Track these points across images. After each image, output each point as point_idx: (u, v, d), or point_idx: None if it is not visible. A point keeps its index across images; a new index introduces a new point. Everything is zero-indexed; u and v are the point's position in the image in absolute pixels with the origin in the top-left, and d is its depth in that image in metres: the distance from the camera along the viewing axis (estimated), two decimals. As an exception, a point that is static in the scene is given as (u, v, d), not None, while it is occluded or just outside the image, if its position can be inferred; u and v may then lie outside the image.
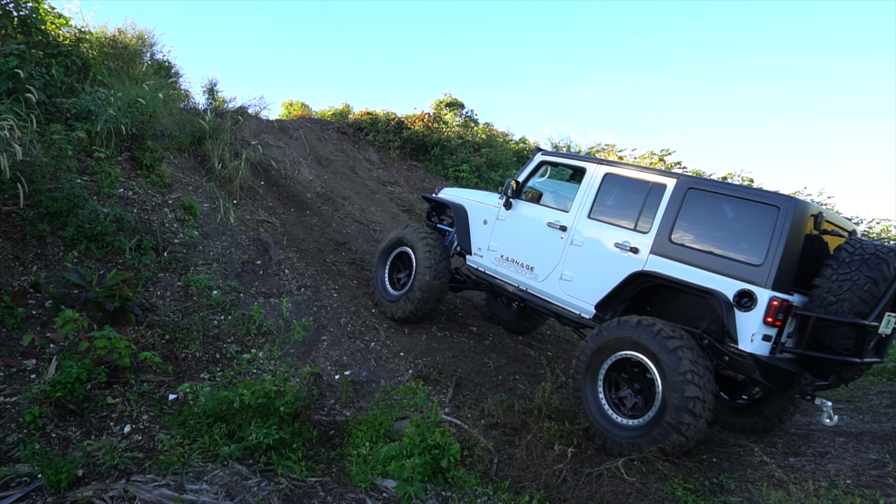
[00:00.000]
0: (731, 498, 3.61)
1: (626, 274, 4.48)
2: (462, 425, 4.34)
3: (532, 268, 5.28)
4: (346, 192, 9.84)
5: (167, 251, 5.76)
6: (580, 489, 3.58)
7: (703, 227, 4.32)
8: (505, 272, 5.55)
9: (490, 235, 5.76)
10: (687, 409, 3.79)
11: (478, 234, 5.92)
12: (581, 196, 5.05)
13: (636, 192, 4.74)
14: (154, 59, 9.47)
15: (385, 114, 13.30)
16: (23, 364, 3.95)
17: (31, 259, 4.87)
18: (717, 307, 4.05)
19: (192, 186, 7.13)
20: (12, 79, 5.64)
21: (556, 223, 5.14)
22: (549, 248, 5.14)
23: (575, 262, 4.94)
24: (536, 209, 5.43)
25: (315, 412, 4.29)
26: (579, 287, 4.88)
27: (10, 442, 3.28)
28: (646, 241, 4.50)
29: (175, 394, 4.11)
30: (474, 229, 5.97)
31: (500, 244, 5.64)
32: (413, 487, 3.34)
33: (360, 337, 5.79)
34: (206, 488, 3.14)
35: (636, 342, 4.12)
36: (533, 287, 5.27)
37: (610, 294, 4.58)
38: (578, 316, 4.92)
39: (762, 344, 3.92)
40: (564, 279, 4.99)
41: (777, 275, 3.87)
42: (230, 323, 5.21)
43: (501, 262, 5.59)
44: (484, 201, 5.99)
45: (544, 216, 5.27)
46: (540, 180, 5.71)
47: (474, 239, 5.95)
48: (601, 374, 4.37)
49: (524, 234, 5.45)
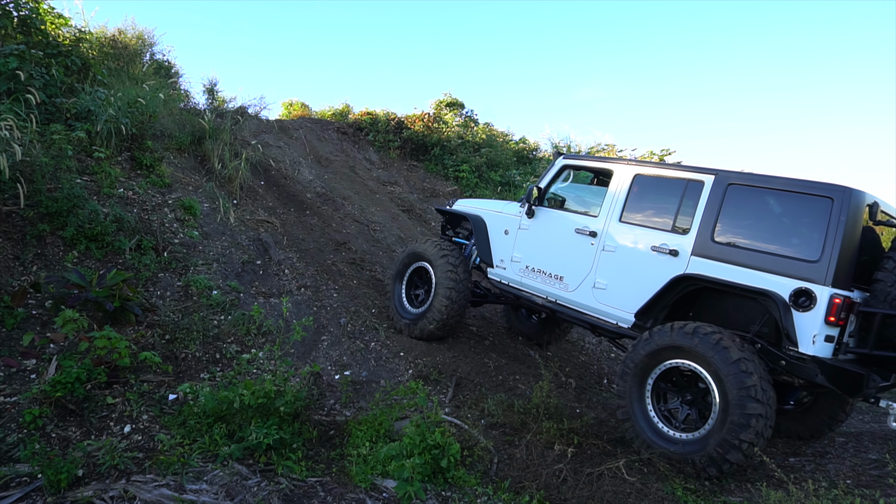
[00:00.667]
0: (731, 498, 3.61)
1: (667, 278, 4.22)
2: (462, 425, 4.34)
3: (561, 277, 5.02)
4: (346, 192, 9.84)
5: (167, 251, 5.76)
6: (580, 489, 3.58)
7: (749, 224, 4.08)
8: (531, 284, 5.30)
9: (513, 246, 5.51)
10: (748, 426, 3.52)
11: (499, 245, 5.67)
12: (610, 199, 4.82)
13: (671, 192, 4.51)
14: (154, 59, 9.47)
15: (385, 114, 13.30)
16: (23, 364, 3.95)
17: (31, 259, 4.87)
18: (773, 308, 3.82)
19: (192, 186, 7.13)
20: (12, 79, 5.64)
21: (584, 229, 4.89)
22: (578, 256, 4.88)
23: (608, 269, 4.68)
24: (562, 215, 5.20)
25: (315, 412, 4.29)
26: (615, 295, 4.62)
27: (10, 442, 3.28)
28: (686, 242, 4.27)
29: (175, 394, 4.11)
30: (495, 240, 5.72)
31: (524, 254, 5.40)
32: (413, 487, 3.34)
33: (360, 337, 5.79)
34: (206, 488, 3.14)
35: (691, 351, 3.83)
36: (563, 298, 5.01)
37: (651, 301, 4.32)
38: (616, 325, 4.66)
39: (824, 345, 3.67)
40: (598, 287, 4.74)
41: (836, 271, 3.62)
42: (230, 323, 5.21)
43: (527, 274, 5.34)
44: (504, 211, 5.76)
45: (571, 222, 5.03)
46: (563, 185, 5.48)
47: (496, 251, 5.69)
48: (649, 384, 4.11)
49: (550, 243, 5.20)
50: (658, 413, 4.07)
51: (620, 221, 4.69)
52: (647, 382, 4.12)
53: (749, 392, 3.56)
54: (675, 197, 4.46)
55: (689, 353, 3.86)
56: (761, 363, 3.73)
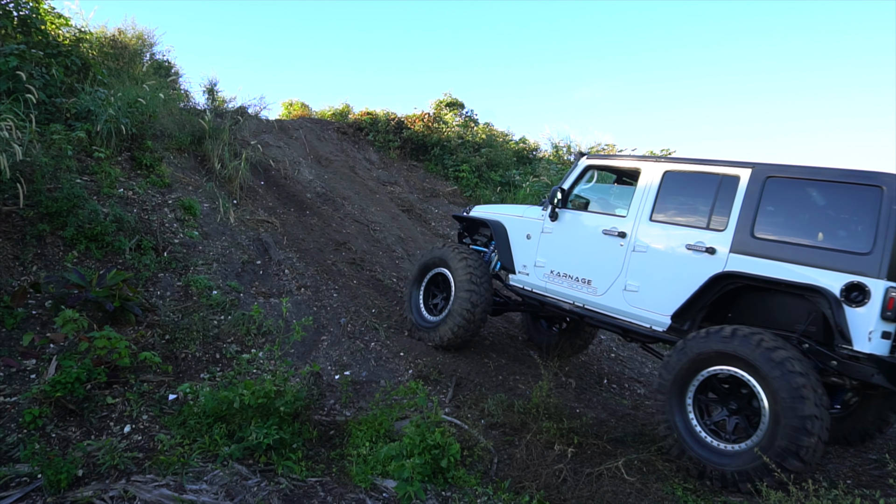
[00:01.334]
0: (731, 498, 3.60)
1: (704, 277, 4.02)
2: (462, 425, 4.34)
3: (589, 281, 4.81)
4: (346, 192, 9.84)
5: (167, 251, 5.76)
6: (580, 489, 3.58)
7: (791, 218, 3.90)
8: (557, 289, 5.08)
9: (536, 251, 5.31)
10: (804, 429, 3.29)
11: (521, 250, 5.46)
12: (639, 198, 4.62)
13: (704, 188, 4.31)
14: (154, 59, 9.48)
15: (385, 114, 13.30)
16: (23, 364, 3.95)
17: (31, 259, 4.87)
18: (822, 305, 3.62)
19: (192, 186, 7.13)
20: (13, 79, 5.64)
21: (613, 230, 4.68)
22: (607, 258, 4.68)
23: (640, 271, 4.49)
24: (587, 217, 5.02)
25: (315, 412, 4.29)
26: (648, 297, 4.42)
27: (10, 442, 3.28)
28: (723, 239, 4.06)
29: (175, 394, 4.11)
30: (516, 246, 5.52)
31: (548, 259, 5.20)
32: (413, 487, 3.34)
33: (360, 337, 5.79)
34: (206, 488, 3.14)
35: (732, 355, 3.60)
36: (592, 302, 4.78)
37: (688, 302, 4.10)
38: (649, 329, 4.43)
39: (881, 342, 3.44)
40: (629, 290, 4.53)
41: (891, 263, 3.41)
42: (230, 323, 5.21)
43: (552, 279, 5.13)
44: (525, 215, 5.57)
45: (598, 224, 4.84)
46: (587, 187, 5.32)
47: (517, 256, 5.50)
48: (689, 395, 3.87)
49: (576, 246, 5.01)
50: (703, 425, 3.83)
51: (651, 221, 4.51)
52: (687, 394, 3.88)
53: (799, 393, 3.33)
54: (708, 193, 4.27)
55: (730, 357, 3.63)
56: (810, 363, 3.53)
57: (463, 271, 5.46)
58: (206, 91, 9.55)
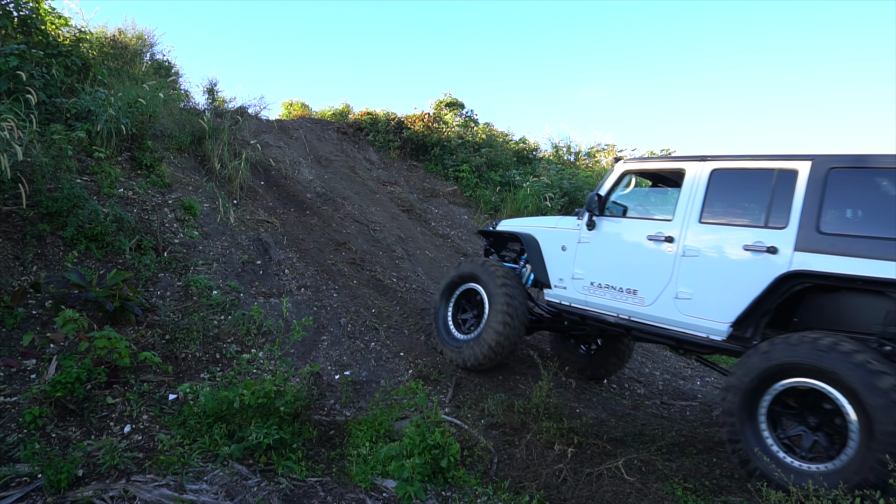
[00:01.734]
0: (732, 498, 3.61)
1: (769, 279, 3.73)
2: (462, 425, 4.34)
3: (635, 291, 4.51)
4: (346, 192, 9.84)
5: (167, 251, 5.76)
6: (580, 489, 3.58)
7: (862, 210, 3.66)
8: (599, 301, 4.77)
9: (573, 262, 5.01)
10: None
11: (556, 263, 5.17)
12: (686, 200, 4.36)
13: (758, 184, 4.06)
14: (154, 59, 9.49)
15: (385, 114, 13.31)
16: (23, 364, 3.95)
17: (31, 259, 4.87)
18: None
19: (192, 186, 7.13)
20: (13, 79, 5.64)
21: (658, 235, 4.40)
22: (654, 266, 4.40)
23: (692, 276, 4.20)
24: (628, 223, 4.76)
25: (315, 412, 4.29)
26: (703, 304, 4.12)
27: (10, 442, 3.28)
28: (785, 237, 3.78)
29: (175, 394, 4.11)
30: (551, 258, 5.22)
31: (587, 270, 4.90)
32: (413, 487, 3.34)
33: (360, 337, 5.79)
34: (206, 488, 3.14)
35: (820, 369, 3.29)
36: (639, 314, 4.48)
37: (751, 306, 3.82)
38: (706, 339, 4.12)
39: None
40: (681, 298, 4.23)
41: None
42: (230, 323, 5.21)
43: (592, 291, 4.83)
44: (558, 226, 5.29)
45: (641, 230, 4.57)
46: (624, 192, 5.11)
47: (553, 269, 5.19)
48: (762, 409, 3.58)
49: (618, 255, 4.73)
50: (778, 442, 3.54)
51: (701, 223, 4.24)
52: (759, 407, 3.60)
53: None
54: (764, 189, 4.00)
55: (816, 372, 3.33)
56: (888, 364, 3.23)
57: (497, 287, 5.13)
58: (206, 91, 9.56)
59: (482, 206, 11.49)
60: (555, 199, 11.51)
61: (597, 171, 13.16)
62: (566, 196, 11.80)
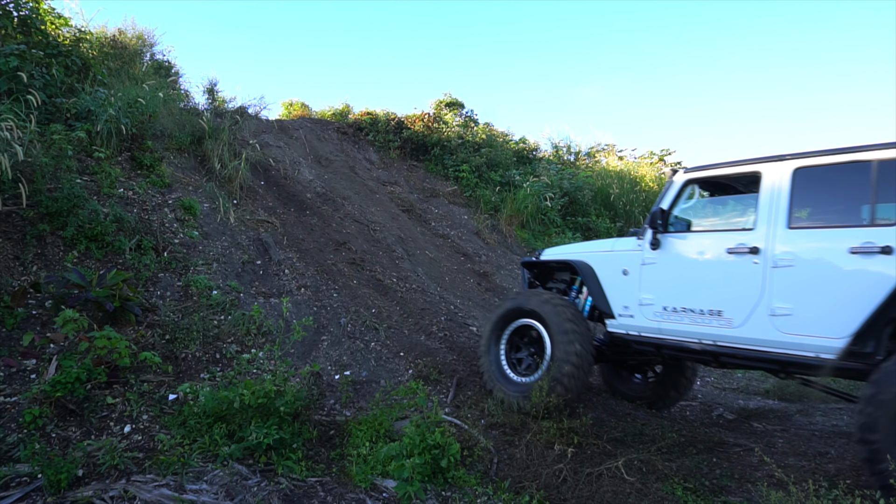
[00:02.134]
0: (732, 498, 3.61)
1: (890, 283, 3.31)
2: (462, 425, 4.34)
3: (719, 312, 4.06)
4: (346, 192, 9.84)
5: (167, 251, 5.76)
6: (580, 489, 3.58)
7: None
8: (675, 328, 4.30)
9: (638, 287, 4.56)
10: None
11: (618, 289, 4.71)
12: (767, 205, 3.96)
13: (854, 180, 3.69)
14: (154, 59, 9.50)
15: (385, 114, 13.32)
16: (23, 364, 3.95)
17: (31, 259, 4.87)
18: None
19: (192, 186, 7.13)
20: (13, 80, 5.64)
21: (740, 247, 3.95)
22: (739, 281, 3.96)
23: (789, 289, 3.75)
24: (700, 238, 4.33)
25: (315, 412, 4.29)
26: (807, 319, 3.67)
27: (10, 442, 3.28)
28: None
29: (175, 394, 4.11)
30: (611, 285, 4.78)
31: (657, 294, 4.44)
32: (413, 487, 3.34)
33: (360, 337, 5.79)
34: (206, 488, 3.14)
35: None
36: (728, 337, 4.00)
37: (873, 316, 3.37)
38: (815, 359, 3.65)
39: None
40: (778, 315, 3.77)
41: None
42: (230, 323, 5.21)
43: (666, 316, 4.37)
44: (615, 248, 4.87)
45: (717, 243, 4.14)
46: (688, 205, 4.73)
47: (614, 297, 4.73)
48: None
49: (693, 273, 4.29)
50: None
51: (790, 228, 3.82)
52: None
53: None
54: (862, 184, 3.61)
55: None
56: None
57: (561, 323, 4.63)
58: (206, 91, 9.57)
59: (482, 206, 11.49)
60: (555, 199, 11.51)
61: (597, 171, 13.16)
62: (566, 196, 11.81)
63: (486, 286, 8.80)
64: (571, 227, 11.56)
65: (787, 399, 6.44)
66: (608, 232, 11.52)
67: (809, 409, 5.79)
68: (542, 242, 10.95)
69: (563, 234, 11.18)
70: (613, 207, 12.16)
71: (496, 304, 5.26)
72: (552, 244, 10.75)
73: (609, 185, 12.35)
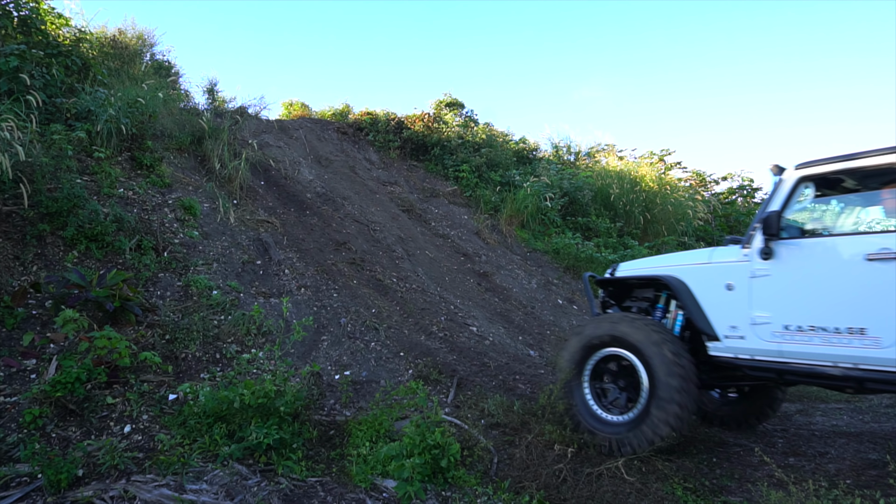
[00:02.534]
0: (732, 498, 3.60)
1: None
2: (462, 425, 4.34)
3: (862, 330, 3.48)
4: (346, 192, 9.84)
5: (167, 251, 5.76)
6: (580, 489, 3.58)
7: None
8: (802, 349, 3.70)
9: (748, 304, 3.94)
10: None
11: (721, 307, 4.09)
12: None
13: None
14: (154, 59, 9.50)
15: (385, 114, 13.32)
16: (23, 364, 3.95)
17: (31, 259, 4.87)
18: None
19: (192, 186, 7.13)
20: (13, 80, 5.65)
21: (885, 252, 3.37)
22: (886, 293, 3.39)
23: None
24: (828, 244, 3.77)
25: (315, 412, 4.29)
26: None
27: (10, 442, 3.28)
28: None
29: (175, 394, 4.11)
30: (712, 303, 4.15)
31: (774, 311, 3.83)
32: (413, 487, 3.34)
33: (360, 337, 5.79)
34: (206, 488, 3.14)
35: None
36: (874, 359, 3.43)
37: None
38: None
39: None
40: None
41: None
42: (230, 323, 5.21)
43: (789, 337, 3.76)
44: (713, 259, 4.23)
45: (851, 248, 3.57)
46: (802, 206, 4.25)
47: (717, 316, 4.11)
48: None
49: (822, 285, 3.69)
50: None
51: None
52: None
53: None
54: None
55: None
56: None
57: (661, 352, 4.03)
58: (206, 91, 9.58)
59: (482, 206, 11.49)
60: (555, 199, 11.51)
61: (597, 171, 13.16)
62: (566, 196, 11.81)
63: (486, 286, 8.80)
64: (571, 227, 11.56)
65: (787, 399, 6.43)
66: (608, 232, 11.51)
67: (809, 409, 5.79)
68: (542, 242, 10.95)
69: (563, 234, 11.18)
70: (613, 207, 12.16)
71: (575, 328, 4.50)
72: (552, 244, 10.76)
73: (609, 185, 12.35)
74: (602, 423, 4.28)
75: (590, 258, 10.19)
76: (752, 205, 15.26)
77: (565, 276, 10.08)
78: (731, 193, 15.41)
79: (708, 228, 13.65)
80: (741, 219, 14.48)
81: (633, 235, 11.92)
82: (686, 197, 12.89)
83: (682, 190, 13.18)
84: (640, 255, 10.64)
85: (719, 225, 14.08)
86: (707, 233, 13.59)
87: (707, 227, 13.63)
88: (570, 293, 9.53)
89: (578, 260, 10.23)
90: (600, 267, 10.11)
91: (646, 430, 4.01)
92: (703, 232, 13.50)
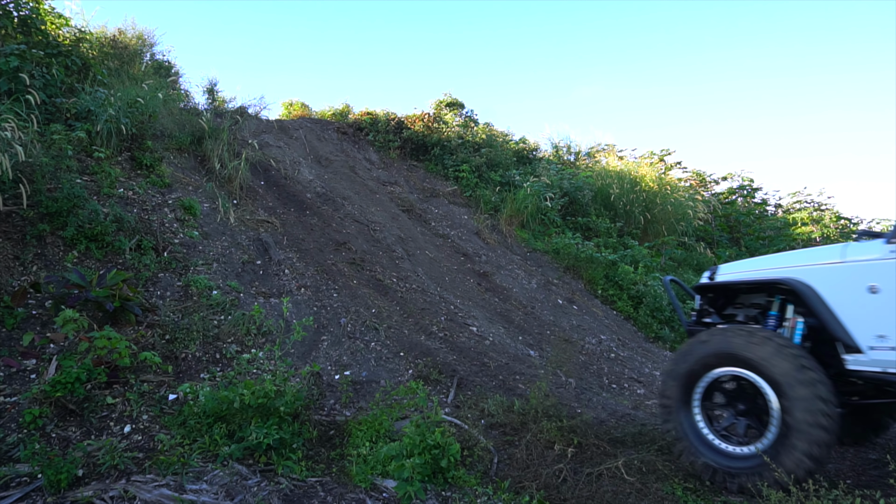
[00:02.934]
0: (732, 498, 3.60)
1: None
2: (462, 425, 4.34)
3: None
4: (346, 192, 9.84)
5: (167, 251, 5.76)
6: (580, 489, 3.58)
7: None
8: None
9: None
10: None
11: (862, 313, 3.49)
12: None
13: None
14: (154, 59, 9.50)
15: (385, 114, 13.33)
16: (23, 364, 3.95)
17: (31, 259, 4.87)
18: None
19: (192, 186, 7.13)
20: (14, 80, 5.65)
21: None
22: None
23: None
24: None
25: (315, 412, 4.29)
26: None
27: (10, 442, 3.28)
28: None
29: (175, 394, 4.11)
30: (850, 308, 3.54)
31: None
32: (413, 487, 3.34)
33: (360, 337, 5.79)
34: (206, 488, 3.14)
35: None
36: None
37: None
38: None
39: None
40: None
41: None
42: (230, 323, 5.21)
43: None
44: (847, 258, 3.61)
45: None
46: None
47: (858, 324, 3.51)
48: None
49: None
50: None
51: None
52: None
53: None
54: None
55: None
56: None
57: (793, 368, 3.46)
58: (206, 91, 9.57)
59: (482, 206, 11.49)
60: (555, 199, 11.52)
61: (597, 171, 13.17)
62: (566, 196, 11.81)
63: (486, 286, 8.80)
64: (571, 228, 11.56)
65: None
66: (608, 232, 11.51)
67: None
68: (542, 242, 10.95)
69: (563, 234, 11.18)
70: (613, 207, 12.16)
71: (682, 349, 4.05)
72: (552, 244, 10.75)
73: (609, 185, 12.36)
74: (722, 454, 3.70)
75: (590, 258, 10.19)
76: (751, 205, 15.28)
77: (565, 277, 10.08)
78: (731, 193, 15.42)
79: (708, 228, 13.66)
80: (741, 219, 14.48)
81: (633, 235, 11.93)
82: (686, 197, 12.89)
83: (682, 190, 13.19)
84: (640, 256, 10.65)
85: (719, 225, 14.09)
86: (707, 233, 13.60)
87: (707, 227, 13.63)
88: (570, 293, 9.53)
89: (578, 260, 10.23)
90: (600, 267, 10.11)
91: (786, 462, 3.41)
92: (703, 232, 13.51)
